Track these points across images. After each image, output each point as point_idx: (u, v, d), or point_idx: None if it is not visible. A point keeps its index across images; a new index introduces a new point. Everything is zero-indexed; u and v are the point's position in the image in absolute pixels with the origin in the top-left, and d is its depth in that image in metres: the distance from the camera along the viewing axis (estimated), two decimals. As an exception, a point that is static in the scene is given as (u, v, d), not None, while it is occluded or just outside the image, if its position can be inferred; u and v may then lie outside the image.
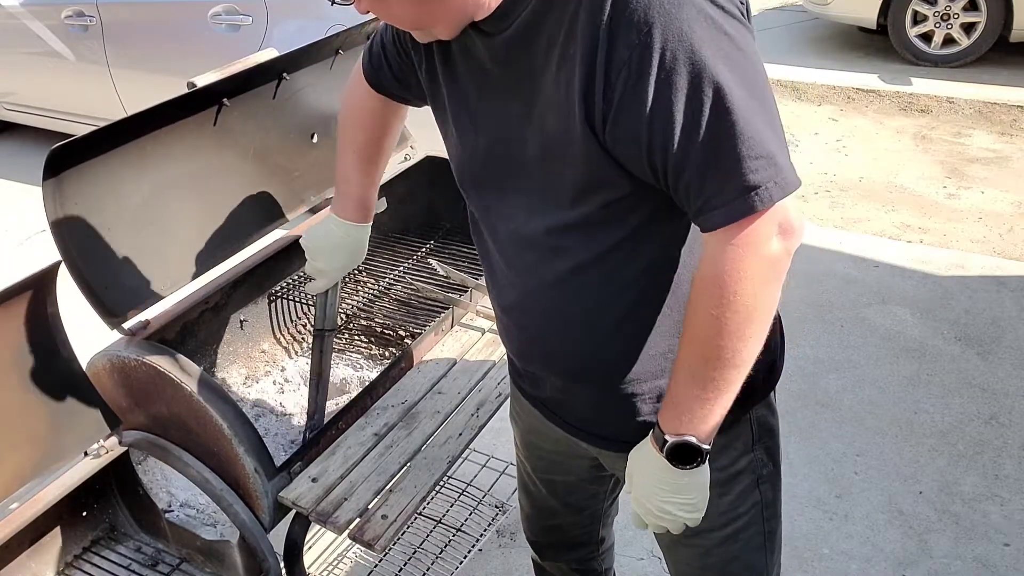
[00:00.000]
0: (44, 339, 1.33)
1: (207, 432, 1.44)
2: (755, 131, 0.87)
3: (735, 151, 0.87)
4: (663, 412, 1.05)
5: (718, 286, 0.93)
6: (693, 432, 1.02)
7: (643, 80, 0.87)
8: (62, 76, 4.65)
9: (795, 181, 0.90)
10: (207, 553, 1.54)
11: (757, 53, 0.91)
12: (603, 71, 0.89)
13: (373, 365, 1.95)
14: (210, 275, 1.74)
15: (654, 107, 0.88)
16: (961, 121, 4.83)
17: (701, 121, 0.87)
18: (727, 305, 0.93)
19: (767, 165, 0.87)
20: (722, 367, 0.97)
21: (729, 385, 0.99)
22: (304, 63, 1.80)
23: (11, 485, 1.34)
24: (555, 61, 0.94)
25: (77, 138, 1.36)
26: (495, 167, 1.08)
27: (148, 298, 1.54)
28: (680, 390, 1.02)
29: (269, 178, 1.82)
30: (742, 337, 0.95)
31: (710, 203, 0.90)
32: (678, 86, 0.86)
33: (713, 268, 0.93)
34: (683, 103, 0.87)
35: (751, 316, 0.94)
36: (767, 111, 0.89)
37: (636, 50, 0.86)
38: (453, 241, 2.20)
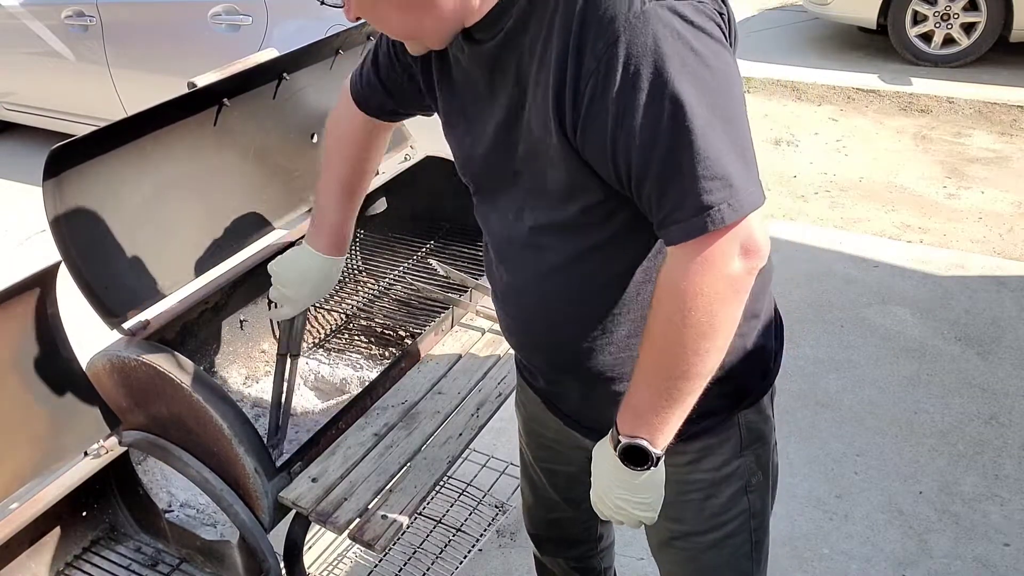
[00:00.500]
0: (44, 339, 1.33)
1: (207, 432, 1.44)
2: (712, 150, 0.87)
3: (691, 170, 0.87)
4: (621, 411, 1.06)
5: (676, 298, 0.93)
6: (646, 436, 1.03)
7: (607, 90, 0.88)
8: (62, 76, 4.65)
9: (752, 203, 0.89)
10: (207, 553, 1.54)
11: (730, 71, 0.90)
12: (573, 79, 0.90)
13: (373, 365, 1.95)
14: (210, 275, 1.74)
15: (617, 118, 0.88)
16: (961, 121, 4.83)
17: (658, 135, 0.87)
18: (683, 319, 0.93)
19: (722, 187, 0.87)
20: (676, 378, 0.98)
21: (683, 396, 0.99)
22: (304, 63, 1.80)
23: (11, 485, 1.34)
24: (535, 64, 0.95)
25: (77, 138, 1.36)
26: (490, 170, 1.10)
27: (148, 298, 1.54)
28: (636, 393, 1.03)
29: (269, 178, 1.82)
30: (696, 351, 0.95)
31: (669, 217, 0.91)
32: (639, 99, 0.87)
33: (671, 281, 0.94)
34: (642, 116, 0.87)
35: (706, 332, 0.94)
36: (731, 131, 0.89)
37: (603, 60, 0.87)
38: (453, 241, 2.20)
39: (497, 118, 1.04)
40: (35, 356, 1.33)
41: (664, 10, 0.86)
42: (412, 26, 1.00)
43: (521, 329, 1.21)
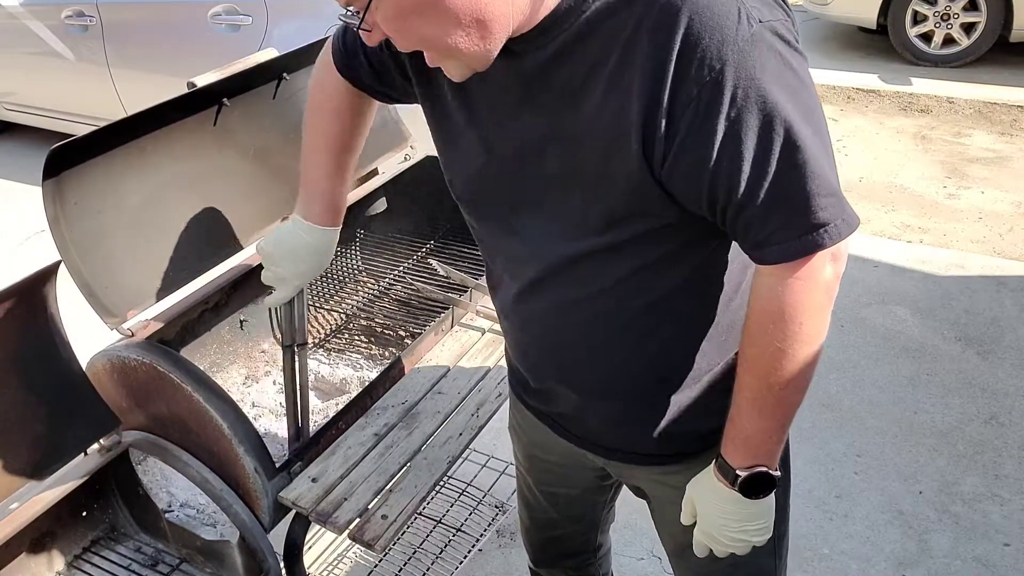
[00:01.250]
0: (44, 339, 1.33)
1: (207, 432, 1.44)
2: (822, 169, 0.87)
3: (805, 189, 0.87)
4: (729, 446, 1.05)
5: (783, 320, 0.94)
6: (764, 462, 1.04)
7: (712, 118, 0.85)
8: (62, 76, 4.65)
9: (857, 218, 0.92)
10: (207, 553, 1.54)
11: (814, 85, 0.90)
12: (667, 106, 0.86)
13: (373, 365, 1.95)
14: (210, 275, 1.74)
15: (723, 146, 0.86)
16: (961, 121, 4.83)
17: (771, 160, 0.86)
18: (793, 337, 0.95)
19: (835, 203, 0.89)
20: (789, 395, 1.00)
21: (794, 409, 1.02)
22: (304, 63, 1.80)
23: (11, 485, 1.34)
24: (601, 85, 0.90)
25: (77, 138, 1.36)
26: (506, 187, 1.04)
27: (148, 298, 1.54)
28: (747, 424, 1.03)
29: (269, 178, 1.82)
30: (808, 363, 0.98)
31: (773, 238, 0.90)
32: (749, 125, 0.85)
33: (775, 302, 0.94)
34: (754, 142, 0.85)
35: (814, 343, 0.96)
36: (828, 148, 0.89)
37: (706, 87, 0.84)
38: (453, 241, 2.20)
39: (528, 135, 0.98)
40: (35, 356, 1.33)
41: (769, 33, 0.84)
42: (457, 49, 0.88)
43: (548, 354, 1.15)
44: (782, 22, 0.87)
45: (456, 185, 1.11)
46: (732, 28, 0.83)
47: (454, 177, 1.11)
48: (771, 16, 0.86)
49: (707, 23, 0.83)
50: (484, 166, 1.04)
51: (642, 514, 1.48)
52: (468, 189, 1.10)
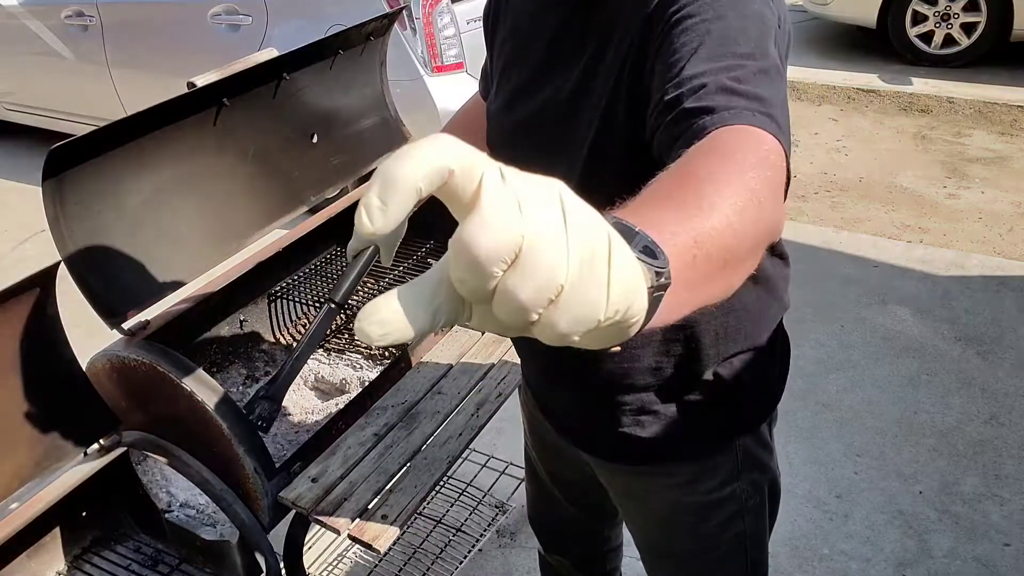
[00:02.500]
0: (44, 339, 1.33)
1: (207, 432, 1.44)
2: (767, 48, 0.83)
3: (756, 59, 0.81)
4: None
5: (743, 134, 0.72)
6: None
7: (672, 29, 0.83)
8: (62, 76, 4.65)
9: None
10: (207, 553, 1.54)
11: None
12: (651, 14, 0.86)
13: (373, 365, 1.95)
14: (210, 275, 1.74)
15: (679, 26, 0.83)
16: (961, 121, 4.83)
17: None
18: (732, 162, 0.68)
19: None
20: (718, 212, 0.62)
21: (715, 254, 0.61)
22: (304, 63, 1.80)
23: (11, 485, 1.34)
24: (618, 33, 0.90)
25: (77, 138, 1.35)
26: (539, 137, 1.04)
27: (148, 298, 1.54)
28: (653, 214, 0.63)
29: (269, 178, 1.81)
30: (752, 190, 0.66)
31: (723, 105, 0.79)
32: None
33: (732, 130, 0.73)
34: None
35: (751, 198, 0.65)
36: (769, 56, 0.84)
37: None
38: (453, 241, 2.20)
39: (573, 80, 0.97)
40: (35, 356, 1.33)
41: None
42: None
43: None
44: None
45: (500, 133, 1.11)
46: None
47: (499, 128, 1.11)
48: None
49: None
50: (524, 111, 1.05)
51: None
52: (513, 136, 1.09)
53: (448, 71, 3.65)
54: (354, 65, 1.94)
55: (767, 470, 1.20)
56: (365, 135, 2.05)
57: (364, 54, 1.95)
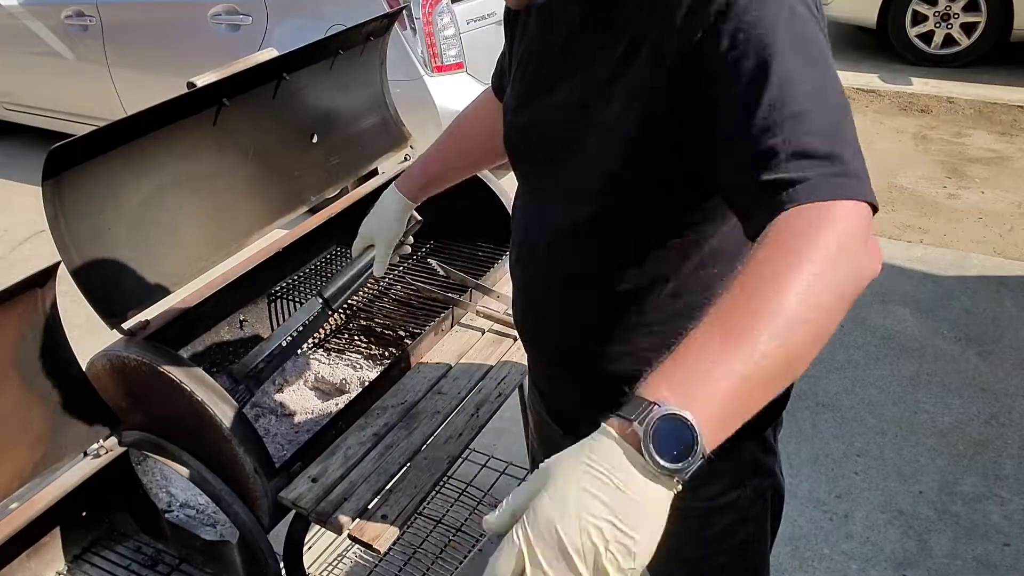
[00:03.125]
0: (44, 339, 1.33)
1: (207, 432, 1.44)
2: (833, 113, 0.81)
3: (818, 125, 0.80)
4: (656, 375, 0.68)
5: (813, 227, 0.70)
6: (697, 411, 0.64)
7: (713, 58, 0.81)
8: (62, 76, 4.65)
9: (870, 192, 0.79)
10: (207, 553, 1.54)
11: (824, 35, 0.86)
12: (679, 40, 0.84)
13: (373, 365, 1.95)
14: (210, 275, 1.74)
15: (722, 84, 0.81)
16: (961, 121, 4.83)
17: (759, 104, 0.79)
18: (811, 254, 0.68)
19: (854, 154, 0.79)
20: (769, 330, 0.66)
21: (771, 367, 0.67)
22: (304, 63, 1.80)
23: (11, 485, 1.34)
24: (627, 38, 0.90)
25: (77, 138, 1.35)
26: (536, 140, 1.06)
27: (148, 298, 1.54)
28: (698, 352, 0.67)
29: (269, 178, 1.81)
30: (811, 305, 0.67)
31: (780, 184, 0.78)
32: (744, 67, 0.80)
33: (804, 219, 0.71)
34: (743, 84, 0.80)
35: (831, 283, 0.69)
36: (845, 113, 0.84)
37: (711, 26, 0.81)
38: (453, 241, 2.20)
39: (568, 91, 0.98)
40: (35, 356, 1.33)
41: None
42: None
43: (538, 319, 1.17)
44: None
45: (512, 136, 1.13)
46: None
47: (511, 128, 1.13)
48: None
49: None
50: (526, 117, 1.07)
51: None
52: (509, 138, 1.12)
53: (448, 71, 3.65)
54: (354, 65, 1.94)
55: (771, 475, 1.19)
56: (365, 135, 2.05)
57: (364, 54, 1.95)
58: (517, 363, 1.76)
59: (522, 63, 1.08)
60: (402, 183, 1.51)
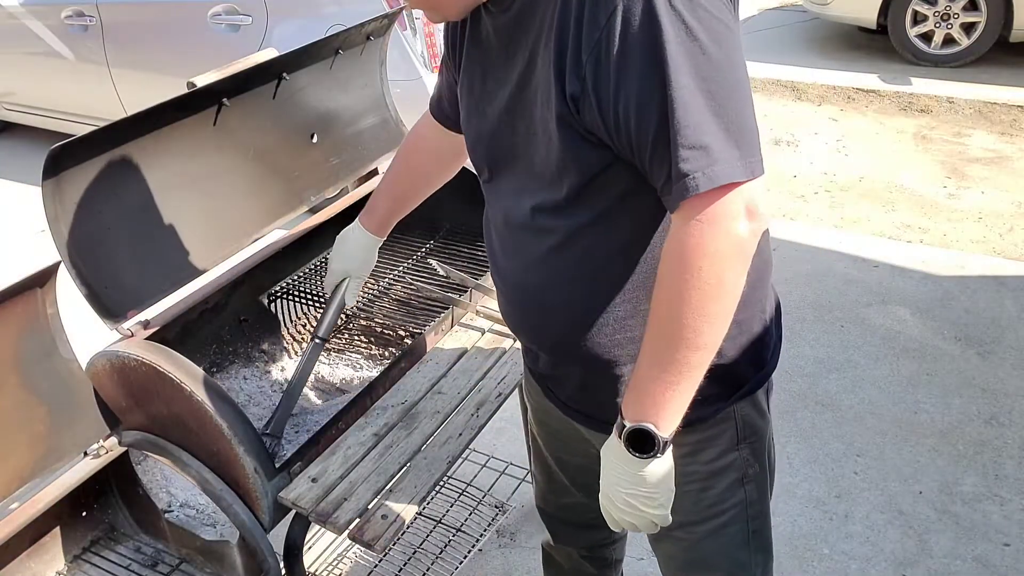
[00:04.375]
0: (44, 339, 1.33)
1: (207, 432, 1.44)
2: (693, 120, 0.89)
3: (673, 138, 0.90)
4: (626, 396, 1.04)
5: (681, 260, 0.93)
6: (652, 419, 1.00)
7: (608, 61, 0.91)
8: (62, 76, 4.65)
9: (729, 175, 0.90)
10: (207, 553, 1.54)
11: (724, 44, 0.91)
12: (575, 50, 0.93)
13: (373, 365, 1.95)
14: (210, 275, 1.74)
15: (616, 88, 0.91)
16: (961, 121, 4.83)
17: (649, 105, 0.90)
18: (690, 280, 0.93)
19: (699, 156, 0.89)
20: (683, 347, 0.96)
21: (690, 369, 0.97)
22: (304, 63, 1.80)
23: (11, 485, 1.34)
24: (544, 35, 0.97)
25: (77, 138, 1.36)
26: (496, 148, 1.12)
27: (148, 298, 1.54)
28: (641, 372, 1.01)
29: (269, 178, 1.82)
30: (704, 315, 0.94)
31: (664, 186, 0.94)
32: (633, 69, 0.90)
33: (677, 243, 0.94)
34: (636, 86, 0.90)
35: (713, 294, 0.93)
36: (716, 102, 0.90)
37: (603, 31, 0.90)
38: (453, 241, 2.20)
39: (508, 91, 1.06)
40: (35, 356, 1.33)
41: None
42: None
43: (519, 311, 1.21)
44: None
45: (470, 151, 1.21)
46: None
47: (468, 144, 1.20)
48: None
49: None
50: (480, 128, 1.14)
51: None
52: (473, 153, 1.19)
53: (448, 71, 3.65)
54: (354, 65, 1.94)
55: (764, 437, 1.24)
56: (365, 135, 2.05)
57: (364, 54, 1.95)
58: (517, 363, 1.76)
59: (466, 74, 1.15)
60: (367, 222, 1.61)
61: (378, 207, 1.61)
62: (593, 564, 1.64)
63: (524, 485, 2.26)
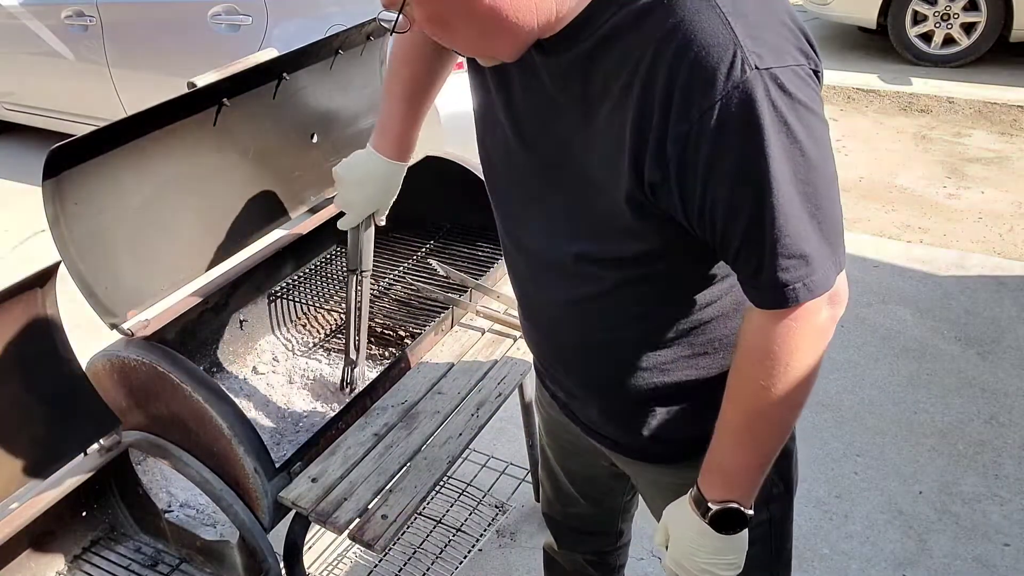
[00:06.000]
0: (44, 339, 1.33)
1: (207, 432, 1.44)
2: (793, 229, 0.86)
3: (771, 246, 0.87)
4: (705, 477, 1.05)
5: (769, 359, 0.94)
6: (737, 498, 1.03)
7: (698, 156, 0.85)
8: (62, 76, 4.65)
9: (827, 282, 0.90)
10: (207, 553, 1.54)
11: (822, 147, 0.86)
12: (658, 138, 0.86)
13: (373, 365, 1.95)
14: (210, 275, 1.74)
15: (705, 185, 0.86)
16: (961, 121, 4.83)
17: (743, 208, 0.86)
18: (778, 376, 0.94)
19: (799, 265, 0.87)
20: (770, 434, 1.00)
21: (775, 450, 1.01)
22: (304, 63, 1.80)
23: (11, 485, 1.34)
24: (614, 95, 0.90)
25: (77, 138, 1.35)
26: (525, 181, 1.07)
27: (148, 298, 1.54)
28: (725, 456, 1.03)
29: (269, 178, 1.81)
30: (792, 405, 0.97)
31: (749, 282, 0.92)
32: (728, 170, 0.84)
33: (763, 340, 0.94)
34: (728, 187, 0.85)
35: (800, 384, 0.95)
36: (816, 209, 0.87)
37: (695, 125, 0.83)
38: (453, 241, 2.20)
39: (550, 131, 1.00)
40: (35, 356, 1.33)
41: (766, 78, 0.82)
42: (487, 46, 0.95)
43: (550, 345, 1.20)
44: (790, 68, 0.84)
45: (483, 163, 1.16)
46: (723, 73, 0.81)
47: (483, 154, 1.15)
48: (776, 62, 0.83)
49: (699, 62, 0.82)
50: (509, 154, 1.07)
51: (642, 514, 1.48)
52: (492, 171, 1.14)
53: (448, 71, 3.65)
54: (354, 65, 1.94)
55: (789, 456, 1.23)
56: (365, 135, 2.04)
57: (364, 54, 1.95)
58: (517, 363, 1.76)
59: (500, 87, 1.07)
60: (382, 144, 1.47)
61: (390, 127, 1.46)
62: (596, 569, 1.64)
63: (524, 485, 2.26)
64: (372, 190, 1.51)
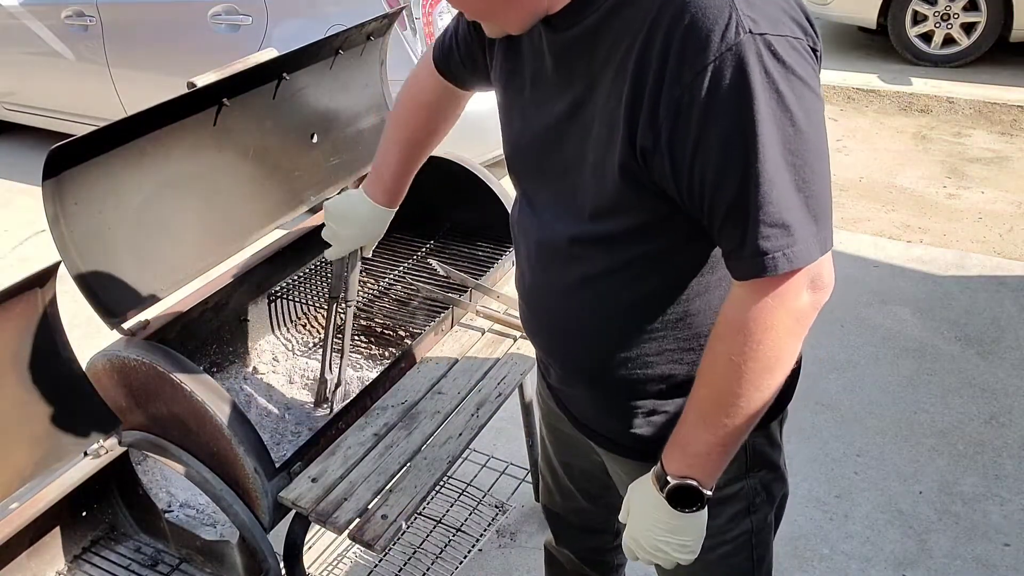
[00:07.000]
0: (44, 339, 1.33)
1: (207, 432, 1.44)
2: (778, 197, 0.85)
3: (754, 213, 0.86)
4: (668, 451, 1.04)
5: (742, 333, 0.93)
6: (697, 476, 1.02)
7: (689, 120, 0.86)
8: (62, 76, 4.65)
9: (807, 257, 0.88)
10: (207, 553, 1.54)
11: (813, 118, 0.87)
12: (652, 102, 0.88)
13: (373, 365, 1.95)
14: (210, 275, 1.74)
15: (695, 148, 0.87)
16: (961, 121, 4.83)
17: (728, 173, 0.86)
18: (749, 353, 0.93)
19: (781, 234, 0.87)
20: (735, 414, 0.97)
21: (739, 433, 0.99)
22: (304, 63, 1.80)
23: (11, 485, 1.34)
24: (613, 70, 0.92)
25: (77, 138, 1.35)
26: (535, 160, 1.09)
27: (148, 298, 1.54)
28: (688, 432, 1.02)
29: (269, 178, 1.82)
30: (759, 387, 0.95)
31: (733, 253, 0.92)
32: (718, 134, 0.85)
33: (738, 314, 0.93)
34: (717, 152, 0.86)
35: (771, 367, 0.94)
36: (802, 180, 0.87)
37: (688, 89, 0.84)
38: (453, 241, 2.20)
39: (557, 111, 1.02)
40: (35, 356, 1.33)
41: (760, 44, 0.82)
42: (494, 9, 0.98)
43: (542, 330, 1.21)
44: (786, 38, 0.84)
45: (505, 152, 1.17)
46: (717, 36, 0.83)
47: (504, 144, 1.17)
48: (771, 29, 0.83)
49: (694, 25, 0.84)
50: (520, 137, 1.10)
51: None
52: (510, 157, 1.16)
53: (448, 71, 3.64)
54: (354, 65, 1.94)
55: (775, 468, 1.22)
56: (365, 135, 2.05)
57: (364, 54, 1.95)
58: (517, 363, 1.76)
59: (509, 61, 1.11)
60: (375, 191, 1.52)
61: (384, 174, 1.50)
62: (595, 568, 1.64)
63: (524, 485, 2.26)
64: (358, 230, 1.57)
